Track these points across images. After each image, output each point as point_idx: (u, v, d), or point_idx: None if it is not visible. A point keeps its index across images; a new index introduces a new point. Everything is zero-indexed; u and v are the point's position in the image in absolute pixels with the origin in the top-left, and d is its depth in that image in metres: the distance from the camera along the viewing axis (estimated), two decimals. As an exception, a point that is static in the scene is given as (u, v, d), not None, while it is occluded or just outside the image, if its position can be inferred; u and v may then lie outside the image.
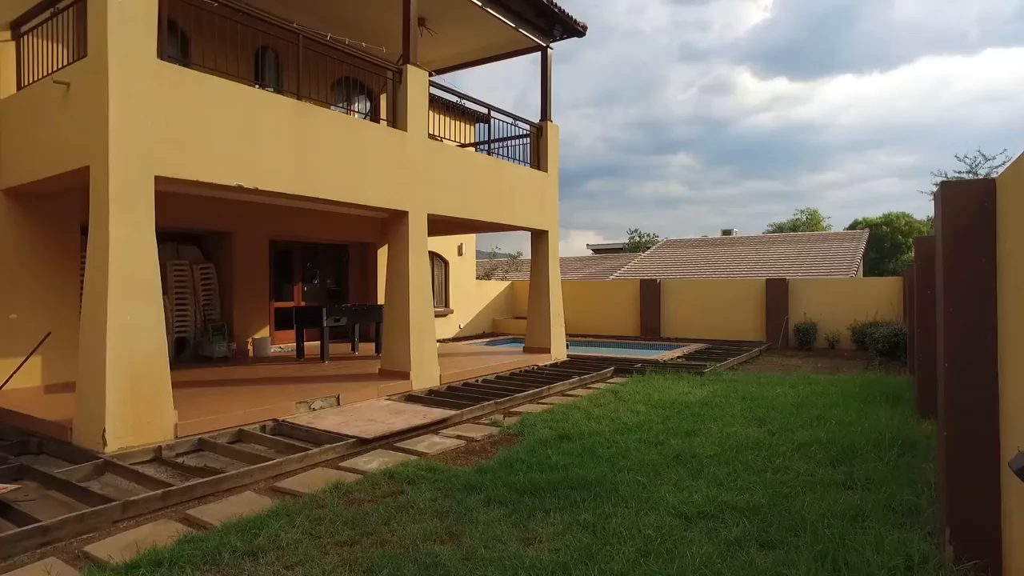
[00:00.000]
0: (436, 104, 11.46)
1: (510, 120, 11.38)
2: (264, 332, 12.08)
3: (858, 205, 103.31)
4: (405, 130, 8.74)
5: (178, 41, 9.03)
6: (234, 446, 6.09)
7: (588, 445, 5.70)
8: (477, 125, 17.08)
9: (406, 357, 8.73)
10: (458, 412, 7.33)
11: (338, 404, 7.60)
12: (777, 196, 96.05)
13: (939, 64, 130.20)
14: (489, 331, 19.46)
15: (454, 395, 8.69)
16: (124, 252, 5.73)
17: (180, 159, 6.10)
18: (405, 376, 8.67)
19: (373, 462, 5.64)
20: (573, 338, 17.47)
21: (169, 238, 11.59)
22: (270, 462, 5.37)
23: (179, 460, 5.67)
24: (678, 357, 12.85)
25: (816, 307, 15.24)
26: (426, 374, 8.90)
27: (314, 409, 7.31)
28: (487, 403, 7.91)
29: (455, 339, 17.24)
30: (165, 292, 10.72)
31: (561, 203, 12.62)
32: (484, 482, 4.74)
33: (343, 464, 5.63)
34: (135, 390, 5.72)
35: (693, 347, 14.62)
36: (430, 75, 11.57)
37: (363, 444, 6.13)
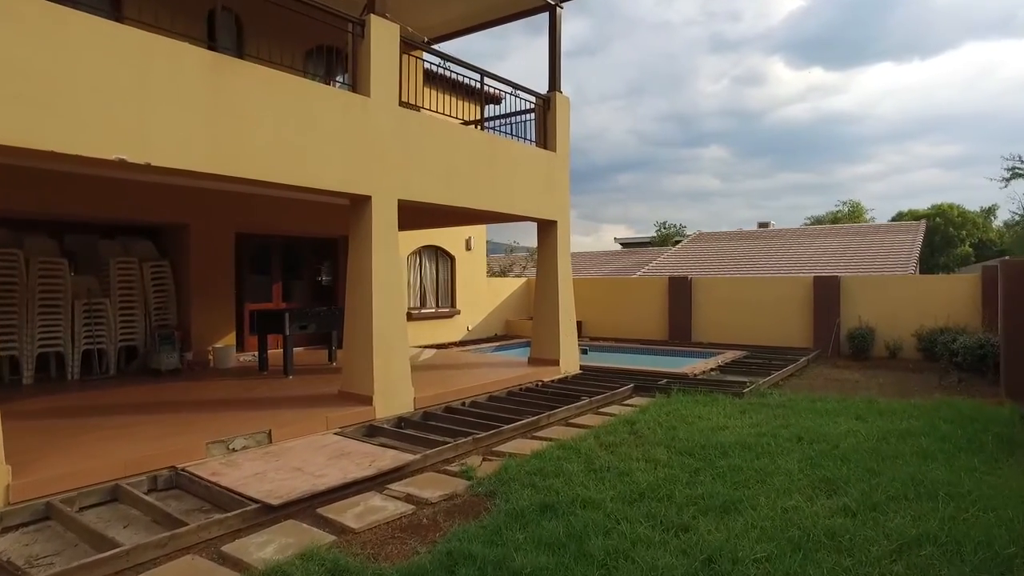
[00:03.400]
0: (438, 82, 9.75)
1: (509, 89, 9.58)
2: (229, 339, 10.51)
3: (897, 197, 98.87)
4: (368, 95, 7.02)
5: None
6: (84, 518, 4.44)
7: (578, 529, 3.90)
8: (488, 108, 15.31)
9: (368, 378, 7.02)
10: (420, 456, 5.59)
11: (269, 441, 5.92)
12: (812, 188, 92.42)
13: (984, 49, 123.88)
14: (502, 333, 17.74)
15: (427, 426, 6.97)
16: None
17: (25, 122, 4.46)
18: (367, 401, 6.97)
19: (268, 547, 3.94)
20: (593, 342, 15.65)
21: (118, 232, 10.09)
22: (114, 551, 3.71)
23: None
24: (711, 369, 10.94)
25: (873, 309, 13.12)
26: (394, 397, 7.19)
27: (233, 450, 5.65)
28: (464, 440, 6.17)
29: (461, 343, 15.54)
30: (107, 294, 9.21)
31: (591, 196, 11.10)
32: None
33: (226, 548, 3.94)
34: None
35: (729, 355, 12.65)
36: (426, 42, 9.88)
37: (268, 512, 4.43)
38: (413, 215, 11.65)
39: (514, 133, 10.03)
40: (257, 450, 5.70)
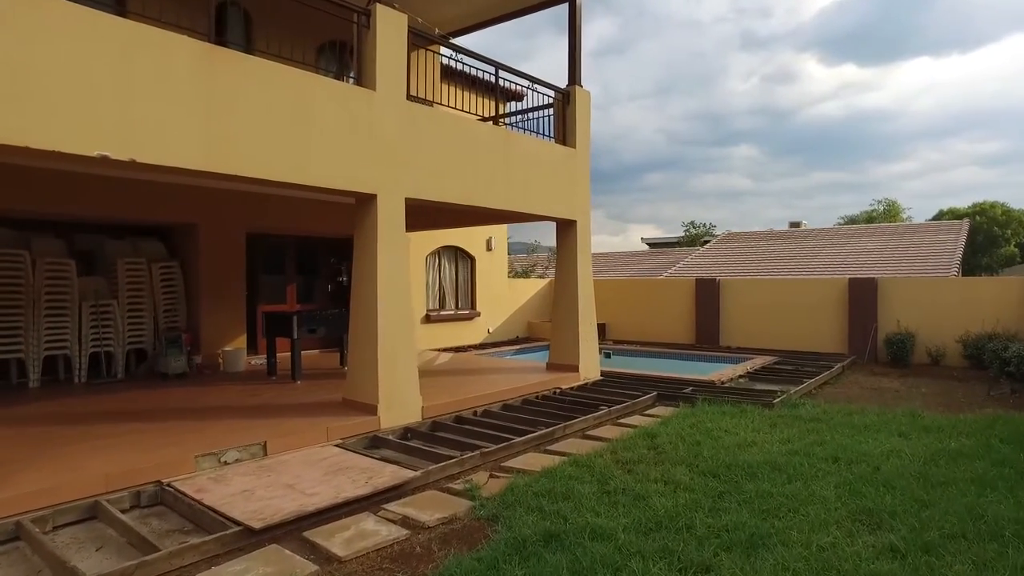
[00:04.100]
0: (457, 78, 9.35)
1: (526, 84, 9.15)
2: (239, 342, 10.27)
3: (935, 196, 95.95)
4: (373, 89, 6.66)
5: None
6: (56, 539, 4.14)
7: (585, 566, 3.47)
8: (510, 105, 14.91)
9: (373, 385, 6.66)
10: (421, 473, 5.21)
11: (264, 454, 5.60)
12: (845, 187, 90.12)
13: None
14: (523, 335, 17.32)
15: (434, 437, 6.59)
16: None
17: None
18: (371, 410, 6.61)
19: (245, 577, 3.59)
20: (616, 345, 15.16)
21: (128, 232, 9.92)
22: (74, 581, 3.39)
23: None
24: (739, 376, 10.38)
25: (914, 313, 12.40)
26: (401, 407, 6.82)
27: (224, 463, 5.33)
28: (471, 454, 5.77)
29: (480, 345, 15.17)
30: (115, 295, 9.03)
31: (619, 196, 10.60)
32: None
33: (199, 579, 3.60)
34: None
35: (759, 361, 12.07)
36: (445, 37, 9.52)
37: (250, 536, 4.09)
38: (427, 215, 11.32)
39: (534, 129, 9.62)
40: (250, 463, 5.38)
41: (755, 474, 5.00)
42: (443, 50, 9.79)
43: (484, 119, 9.47)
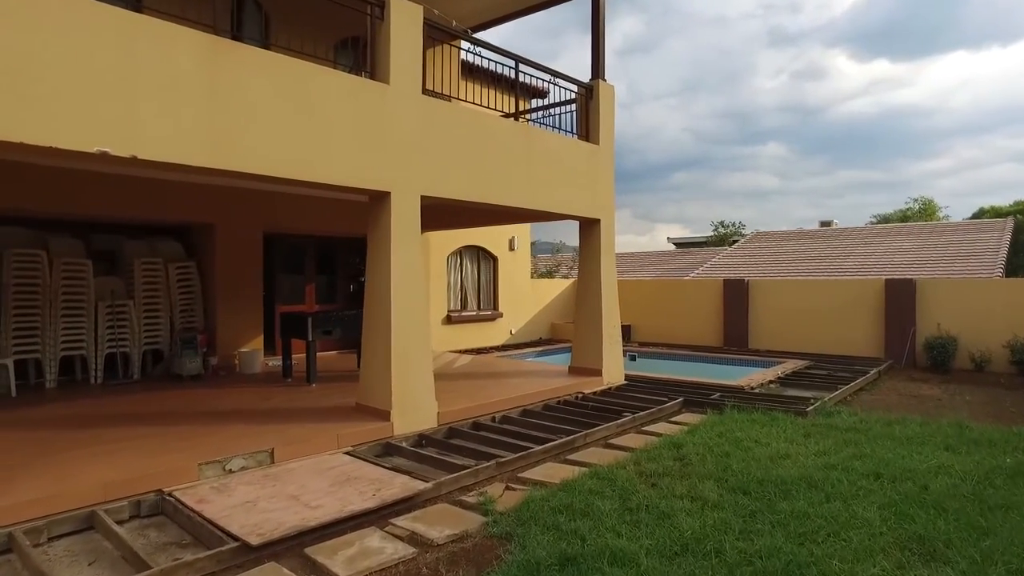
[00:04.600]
0: (478, 75, 9.08)
1: (548, 78, 8.85)
2: (256, 343, 10.14)
3: (972, 194, 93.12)
4: (387, 83, 6.42)
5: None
6: (48, 552, 3.96)
7: (602, 595, 3.17)
8: (533, 103, 14.61)
9: (386, 390, 6.43)
10: (432, 484, 4.94)
11: (271, 462, 5.39)
12: (876, 186, 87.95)
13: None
14: (546, 336, 17.02)
15: (449, 445, 6.32)
16: None
17: (-8, 109, 4.03)
18: (384, 416, 6.38)
19: (236, 601, 3.36)
20: (642, 348, 14.78)
21: (145, 232, 9.85)
22: (57, 602, 3.19)
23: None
24: (770, 381, 9.95)
25: (955, 316, 11.82)
26: (415, 412, 6.57)
27: (229, 471, 5.13)
28: (486, 464, 5.49)
29: (503, 347, 14.90)
30: (131, 295, 8.94)
31: (646, 196, 10.34)
32: None
33: (190, 602, 3.38)
34: None
35: (790, 365, 11.60)
36: (465, 31, 9.28)
37: (247, 553, 3.86)
38: (445, 213, 11.07)
39: (557, 125, 9.30)
40: (255, 472, 5.17)
41: (789, 491, 4.64)
42: (464, 47, 9.55)
43: (505, 116, 9.20)
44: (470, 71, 11.13)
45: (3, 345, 8.01)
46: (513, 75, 8.32)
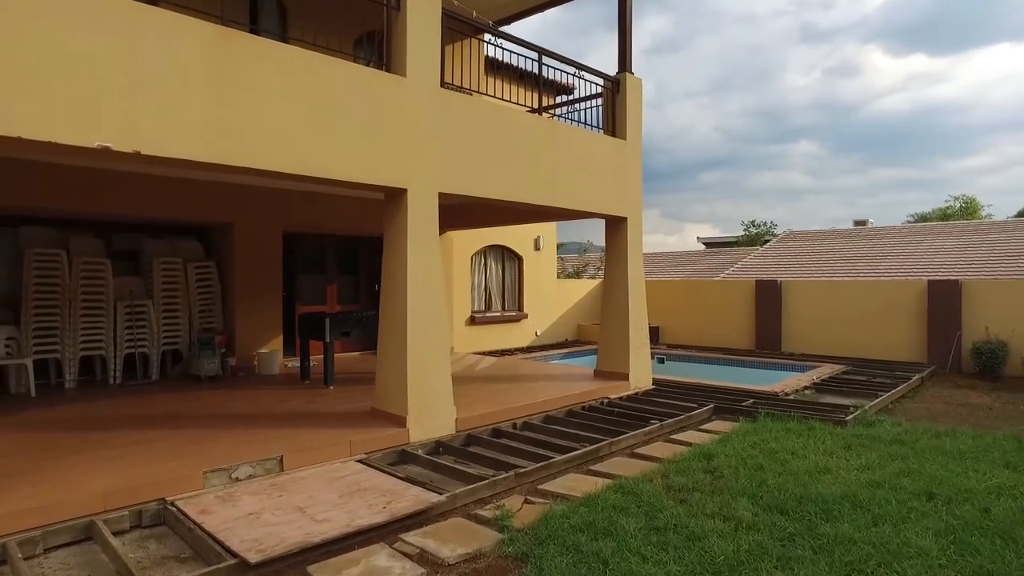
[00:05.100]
0: (503, 71, 8.79)
1: (572, 70, 8.53)
2: (276, 344, 10.00)
3: (1016, 191, 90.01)
4: (403, 75, 6.18)
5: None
6: (42, 565, 3.77)
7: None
8: (559, 99, 14.27)
9: (401, 395, 6.18)
10: (447, 497, 4.67)
11: (280, 469, 5.17)
12: (913, 184, 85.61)
13: None
14: (572, 338, 16.70)
15: (467, 453, 6.05)
16: None
17: (-14, 102, 3.86)
18: (400, 422, 6.13)
19: (229, 627, 3.12)
20: (671, 350, 14.37)
21: (166, 231, 9.77)
22: (39, 624, 2.99)
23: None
24: (805, 387, 9.49)
25: (1005, 319, 11.18)
26: (432, 418, 6.31)
27: (236, 479, 4.92)
28: (505, 474, 5.21)
29: (527, 349, 14.61)
30: (150, 295, 8.85)
31: (675, 195, 10.09)
32: None
33: (181, 625, 3.15)
34: None
35: (826, 370, 11.11)
36: (492, 25, 9.01)
37: (244, 571, 3.63)
38: (467, 212, 10.83)
39: (583, 121, 8.97)
40: (263, 480, 4.95)
41: (831, 511, 4.26)
42: (487, 40, 9.29)
43: (529, 111, 8.90)
44: (495, 68, 10.87)
45: (23, 345, 7.98)
46: (537, 69, 8.01)
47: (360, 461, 5.51)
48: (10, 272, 8.46)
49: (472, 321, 13.78)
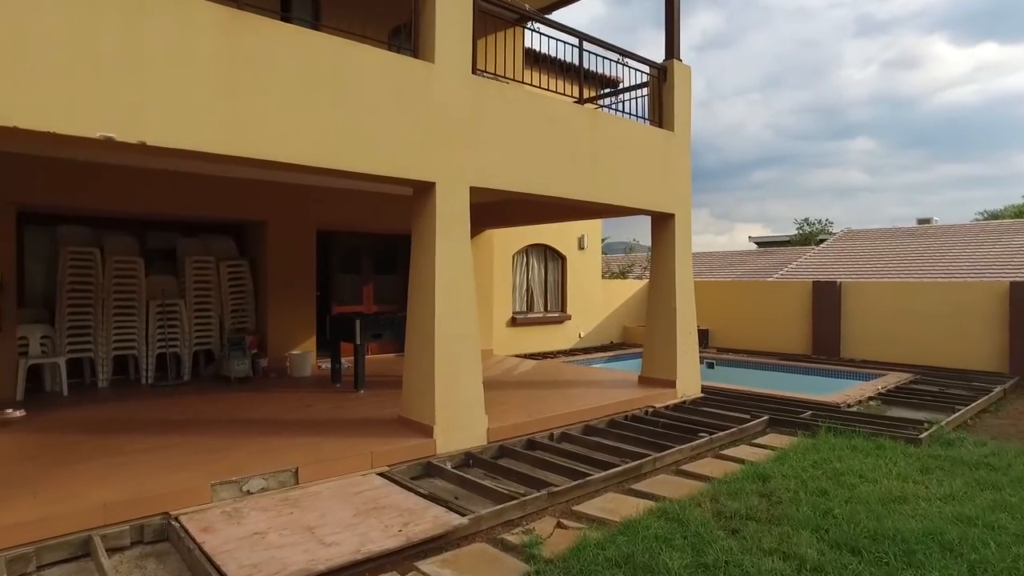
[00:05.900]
0: (544, 64, 8.32)
1: (615, 57, 7.99)
2: (308, 345, 9.77)
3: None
4: (432, 61, 5.78)
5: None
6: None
7: None
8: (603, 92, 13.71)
9: (429, 402, 5.78)
10: (470, 520, 4.24)
11: (295, 482, 4.83)
12: (981, 181, 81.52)
13: None
14: (618, 340, 16.11)
15: (498, 467, 5.60)
16: None
17: (-21, 89, 3.61)
18: (427, 432, 5.73)
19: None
20: (720, 354, 13.65)
21: (200, 229, 9.65)
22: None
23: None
24: (869, 398, 8.73)
25: (1097, 326, 10.12)
26: (461, 428, 5.90)
27: (248, 492, 4.60)
28: (536, 494, 4.75)
29: (570, 351, 14.11)
30: (182, 295, 8.71)
31: (725, 194, 9.76)
32: None
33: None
34: None
35: (892, 378, 10.26)
36: (525, 7, 8.57)
37: (240, 605, 3.27)
38: (505, 209, 10.40)
39: (629, 111, 8.42)
40: (275, 495, 4.62)
41: (914, 554, 3.64)
42: (524, 26, 8.84)
43: (580, 102, 8.41)
44: (535, 61, 10.42)
45: (57, 343, 7.92)
46: (578, 59, 7.52)
47: (381, 474, 5.13)
48: (47, 271, 8.44)
49: (513, 322, 13.35)
